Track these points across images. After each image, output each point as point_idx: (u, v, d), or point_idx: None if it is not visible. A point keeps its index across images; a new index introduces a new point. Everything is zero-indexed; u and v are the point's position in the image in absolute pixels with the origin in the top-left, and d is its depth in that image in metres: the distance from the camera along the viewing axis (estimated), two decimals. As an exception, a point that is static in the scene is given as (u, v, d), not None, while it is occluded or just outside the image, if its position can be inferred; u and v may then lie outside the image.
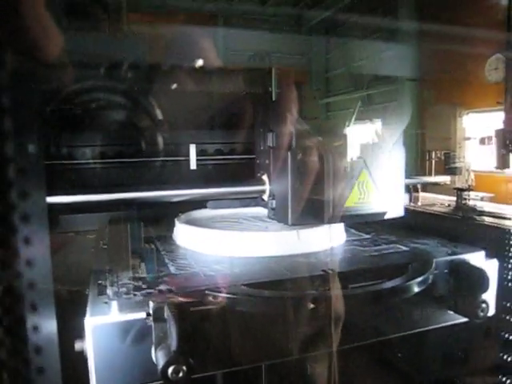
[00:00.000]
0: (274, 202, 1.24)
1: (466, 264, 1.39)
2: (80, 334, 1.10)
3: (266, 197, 1.27)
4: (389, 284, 1.21)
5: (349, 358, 1.32)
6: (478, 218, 2.06)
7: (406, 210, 2.50)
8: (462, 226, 2.00)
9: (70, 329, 1.10)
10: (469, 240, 1.79)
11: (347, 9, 9.90)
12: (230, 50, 8.87)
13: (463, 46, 7.14)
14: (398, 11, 8.89)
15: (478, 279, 1.33)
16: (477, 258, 1.44)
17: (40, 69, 0.71)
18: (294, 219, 1.15)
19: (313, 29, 11.56)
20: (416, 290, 1.23)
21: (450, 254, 1.44)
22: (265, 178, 1.26)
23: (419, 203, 2.71)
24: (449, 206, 2.54)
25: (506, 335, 1.54)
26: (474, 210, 2.23)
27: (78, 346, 1.11)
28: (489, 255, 1.48)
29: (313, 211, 1.14)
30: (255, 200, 1.56)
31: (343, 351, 1.22)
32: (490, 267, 1.43)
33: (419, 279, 1.24)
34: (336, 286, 1.22)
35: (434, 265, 1.35)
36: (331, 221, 1.17)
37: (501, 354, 1.54)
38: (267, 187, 1.25)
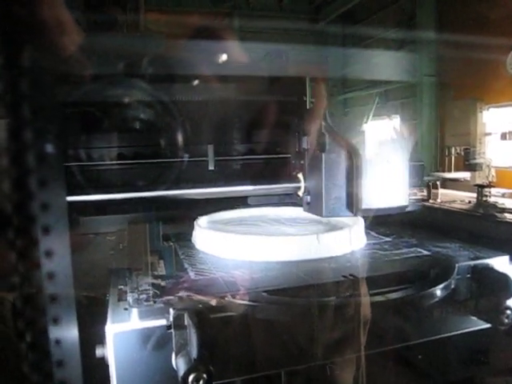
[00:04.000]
0: (308, 197, 1.36)
1: (489, 269, 1.37)
2: (100, 339, 1.11)
3: (301, 193, 1.39)
4: (410, 291, 1.20)
5: (368, 362, 1.31)
6: (499, 215, 2.03)
7: (426, 207, 2.48)
8: (482, 224, 1.96)
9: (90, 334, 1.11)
10: (489, 238, 1.76)
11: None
12: (245, 48, 8.86)
13: (484, 39, 7.02)
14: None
15: (502, 285, 1.30)
16: (501, 263, 1.41)
17: (59, 65, 0.71)
18: (327, 212, 1.27)
19: (329, 25, 11.49)
20: (438, 297, 1.21)
21: (472, 259, 1.42)
22: (300, 176, 1.39)
23: (438, 200, 2.67)
24: (469, 202, 2.50)
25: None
26: (494, 206, 2.19)
27: (98, 352, 1.12)
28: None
29: (343, 204, 1.26)
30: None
31: (363, 356, 1.21)
32: (515, 272, 1.39)
33: (441, 286, 1.22)
34: (357, 292, 1.21)
35: (456, 270, 1.33)
36: (359, 213, 1.28)
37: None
38: (302, 184, 1.38)
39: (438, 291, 1.22)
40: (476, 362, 1.45)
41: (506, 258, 1.44)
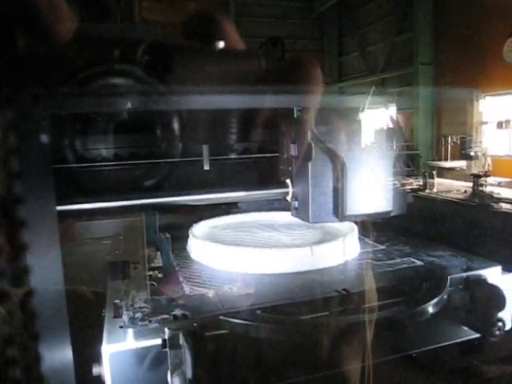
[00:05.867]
0: (296, 202, 1.35)
1: (481, 281, 1.38)
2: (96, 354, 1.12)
3: (289, 198, 1.38)
4: (402, 308, 1.21)
5: (362, 375, 1.32)
6: (494, 204, 2.05)
7: (421, 197, 2.49)
8: (477, 214, 1.98)
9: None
10: (484, 227, 1.77)
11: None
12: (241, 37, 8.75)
13: (480, 27, 6.98)
14: None
15: (493, 297, 1.32)
16: (492, 274, 1.42)
17: (51, 54, 0.70)
18: (314, 218, 1.26)
19: (325, 13, 11.38)
20: (430, 311, 1.23)
21: (465, 270, 1.43)
22: (288, 181, 1.38)
23: (435, 190, 2.68)
24: (465, 192, 2.52)
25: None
26: (490, 196, 2.21)
27: (95, 370, 1.13)
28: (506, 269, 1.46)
29: (329, 210, 1.25)
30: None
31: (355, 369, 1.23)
32: (507, 282, 1.41)
33: (433, 301, 1.23)
34: (349, 308, 1.23)
35: (448, 282, 1.34)
36: (344, 218, 1.26)
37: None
38: (290, 190, 1.38)
39: (431, 306, 1.23)
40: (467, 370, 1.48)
41: (498, 268, 1.45)
